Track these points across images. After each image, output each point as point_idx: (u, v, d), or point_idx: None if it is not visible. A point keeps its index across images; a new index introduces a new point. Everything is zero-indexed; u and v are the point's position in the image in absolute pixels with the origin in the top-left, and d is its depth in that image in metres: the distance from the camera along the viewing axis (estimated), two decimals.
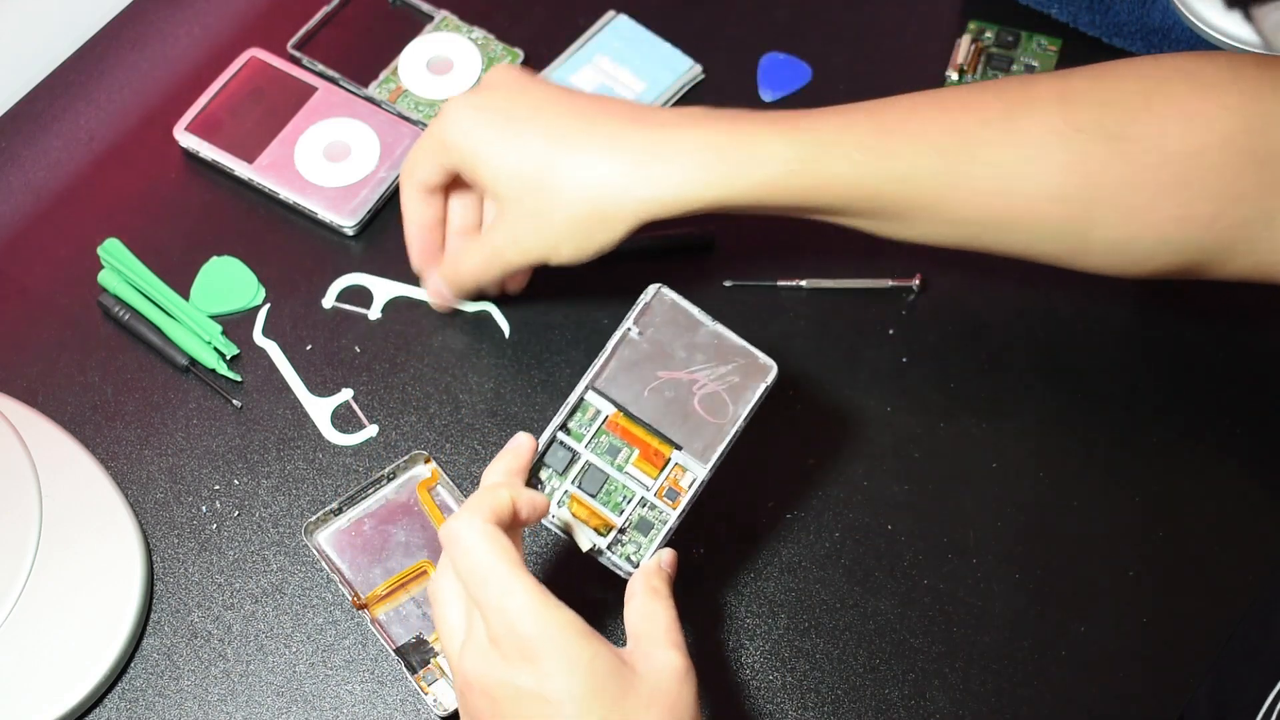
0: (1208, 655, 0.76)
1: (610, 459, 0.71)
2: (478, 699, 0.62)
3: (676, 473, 0.70)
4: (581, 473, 0.71)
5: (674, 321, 0.72)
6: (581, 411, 0.71)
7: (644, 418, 0.71)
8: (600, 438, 0.71)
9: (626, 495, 0.70)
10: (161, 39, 0.96)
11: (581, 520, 0.70)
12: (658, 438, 0.71)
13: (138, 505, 0.81)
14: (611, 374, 0.71)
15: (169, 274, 0.87)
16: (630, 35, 0.95)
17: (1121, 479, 0.81)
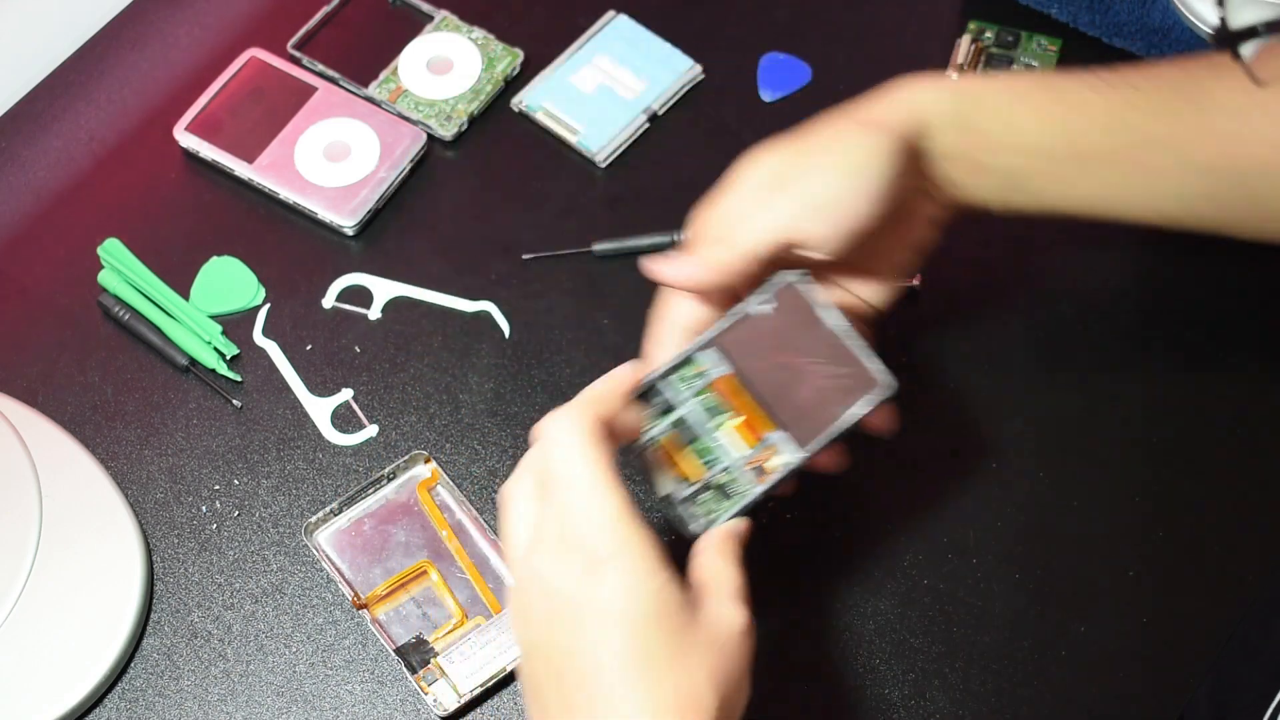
0: (1208, 655, 0.76)
1: (707, 418, 0.69)
2: (536, 600, 0.61)
3: (768, 453, 0.69)
4: (675, 423, 0.69)
5: (803, 311, 0.70)
6: (689, 366, 0.70)
7: (757, 388, 0.69)
8: (702, 396, 0.70)
9: (712, 458, 0.69)
10: (161, 39, 0.96)
11: (665, 465, 0.69)
12: (764, 411, 0.69)
13: (138, 505, 0.81)
14: (734, 339, 0.70)
15: (169, 274, 0.87)
16: (630, 35, 0.95)
17: (1121, 479, 0.81)
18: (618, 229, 0.89)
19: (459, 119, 0.92)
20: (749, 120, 0.93)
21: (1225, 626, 0.77)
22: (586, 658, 0.59)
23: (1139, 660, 0.77)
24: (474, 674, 0.75)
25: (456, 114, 0.92)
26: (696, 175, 0.91)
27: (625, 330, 0.86)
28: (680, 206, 0.90)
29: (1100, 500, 0.81)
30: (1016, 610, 0.78)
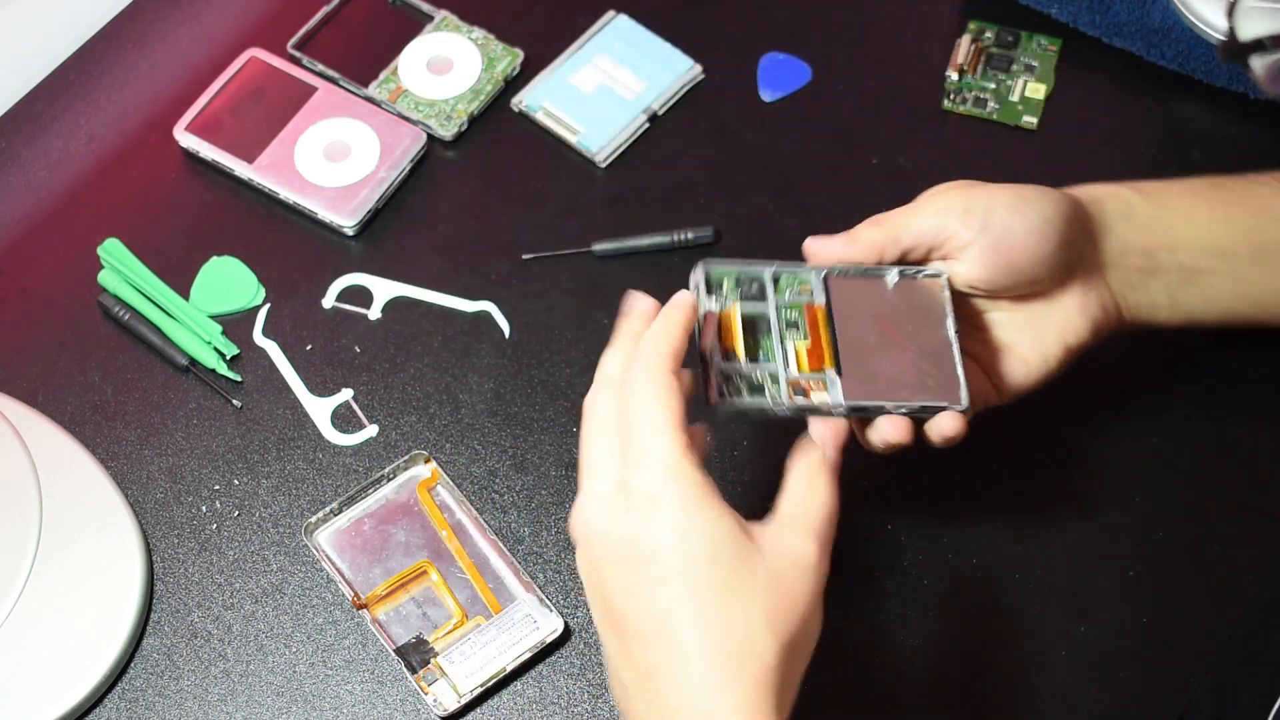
0: (1208, 655, 0.76)
1: (783, 325, 0.69)
2: (596, 547, 0.61)
3: (816, 384, 0.68)
4: (755, 312, 0.69)
5: (928, 305, 0.70)
6: (798, 278, 0.69)
7: (840, 329, 0.69)
8: (793, 306, 0.69)
9: (765, 356, 0.68)
10: (161, 39, 0.96)
11: (717, 335, 0.68)
12: (833, 350, 0.68)
13: (138, 505, 0.81)
14: (850, 286, 0.69)
15: (169, 274, 0.87)
16: (630, 35, 0.95)
17: (1121, 479, 0.81)
18: (618, 229, 0.89)
19: (459, 119, 0.92)
20: (749, 120, 0.93)
21: (1225, 626, 0.77)
22: (643, 601, 0.60)
23: (1139, 660, 0.77)
24: (474, 674, 0.75)
25: (456, 114, 0.92)
26: (696, 175, 0.91)
27: None
28: (680, 206, 0.90)
29: (1100, 500, 0.81)
30: (1016, 610, 0.78)
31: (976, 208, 0.69)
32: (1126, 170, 0.91)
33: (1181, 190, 0.75)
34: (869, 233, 0.70)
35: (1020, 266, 0.70)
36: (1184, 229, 0.73)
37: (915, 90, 0.94)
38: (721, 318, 0.68)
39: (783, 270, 0.69)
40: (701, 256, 0.88)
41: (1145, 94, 0.94)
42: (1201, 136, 0.92)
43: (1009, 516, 0.81)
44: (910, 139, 0.92)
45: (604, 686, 0.76)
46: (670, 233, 0.88)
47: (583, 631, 0.77)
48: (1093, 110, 0.93)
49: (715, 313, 0.68)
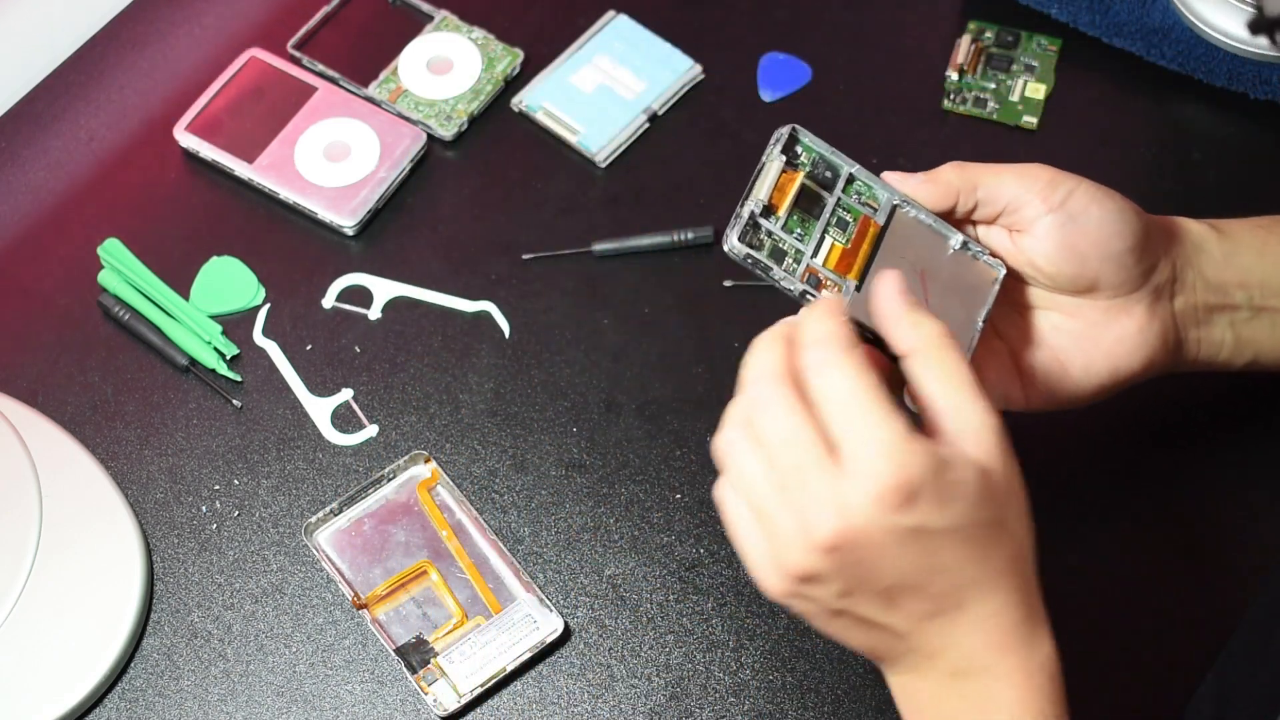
0: (1208, 655, 0.76)
1: (832, 221, 0.68)
2: (858, 550, 0.57)
3: (830, 286, 0.67)
4: (814, 193, 0.68)
5: (976, 283, 0.70)
6: (870, 193, 0.69)
7: (882, 254, 0.68)
8: (849, 212, 0.69)
9: (801, 236, 0.67)
10: (161, 39, 0.96)
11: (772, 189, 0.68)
12: (864, 266, 0.68)
13: (138, 505, 0.81)
14: (911, 225, 0.69)
15: (169, 274, 0.87)
16: (630, 35, 0.95)
17: (1122, 478, 0.81)
18: (618, 229, 0.89)
19: (459, 119, 0.92)
20: (749, 120, 0.93)
21: (1225, 626, 0.77)
22: (917, 564, 0.58)
23: (1139, 660, 0.77)
24: (474, 674, 0.75)
25: (456, 114, 0.92)
26: (696, 175, 0.91)
27: (625, 330, 0.86)
28: (680, 206, 0.90)
29: (1100, 500, 0.81)
30: None
31: (1061, 185, 0.68)
32: (1126, 170, 0.92)
33: (1252, 226, 0.74)
34: (949, 174, 0.69)
35: (1088, 256, 0.68)
36: (1257, 265, 0.72)
37: (915, 90, 0.94)
38: (783, 177, 0.68)
39: (861, 175, 0.69)
40: (701, 257, 0.88)
41: (1145, 94, 0.94)
42: (1201, 136, 0.92)
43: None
44: (910, 139, 0.92)
45: (604, 686, 0.76)
46: (670, 233, 0.88)
47: (582, 631, 0.77)
48: (1093, 110, 0.93)
49: (779, 169, 0.68)
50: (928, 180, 0.69)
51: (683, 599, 0.78)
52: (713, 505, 0.80)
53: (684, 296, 0.87)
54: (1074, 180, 0.69)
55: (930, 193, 0.69)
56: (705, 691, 0.76)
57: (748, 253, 0.66)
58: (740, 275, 0.87)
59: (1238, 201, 0.89)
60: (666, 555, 0.79)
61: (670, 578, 0.79)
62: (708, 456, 0.82)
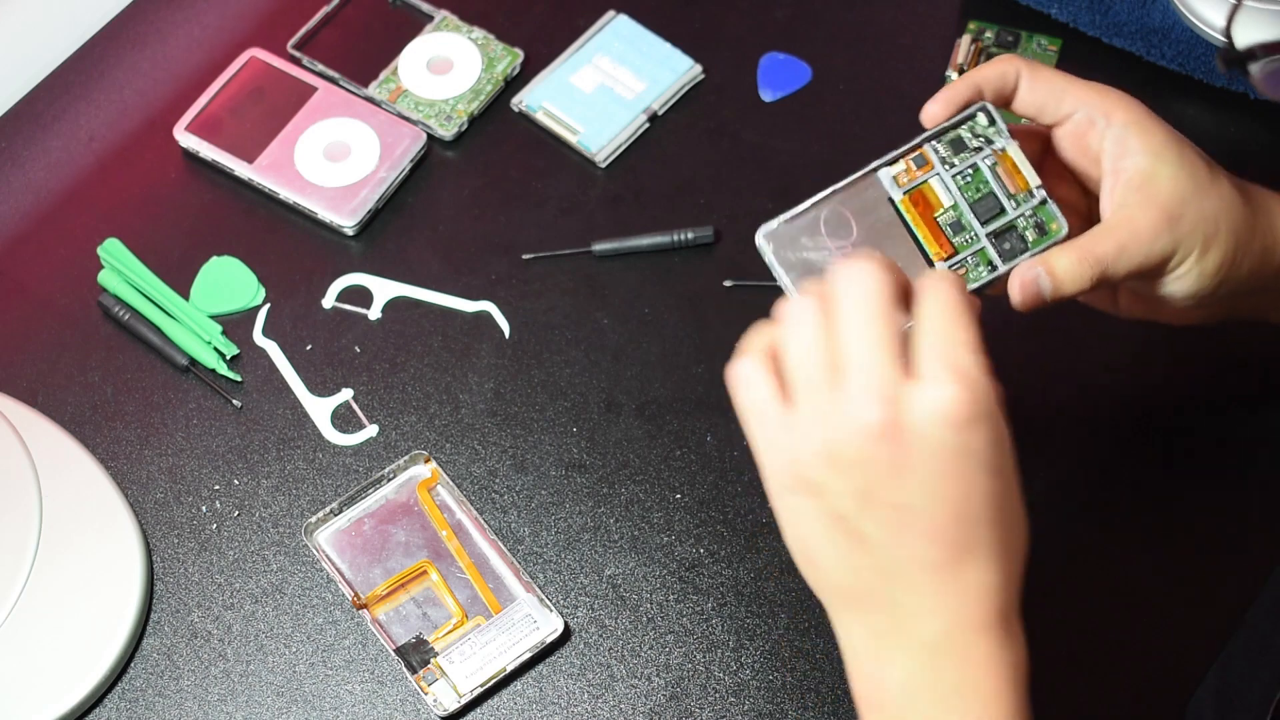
0: (1208, 655, 0.76)
1: (964, 183, 0.68)
2: (890, 450, 0.57)
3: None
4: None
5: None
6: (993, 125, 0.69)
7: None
8: (985, 164, 0.68)
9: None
10: (161, 39, 0.96)
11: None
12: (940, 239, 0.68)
13: (138, 505, 0.81)
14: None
15: (169, 274, 0.87)
16: (630, 35, 0.95)
17: (1122, 478, 0.81)
18: (618, 229, 0.89)
19: (459, 119, 0.92)
20: (749, 120, 0.93)
21: (1225, 626, 0.77)
22: (899, 485, 0.57)
23: (1139, 660, 0.77)
24: (474, 674, 0.75)
25: (456, 114, 0.92)
26: (696, 175, 0.91)
27: (625, 330, 0.86)
28: (680, 206, 0.90)
29: (1100, 499, 0.81)
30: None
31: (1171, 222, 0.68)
32: None
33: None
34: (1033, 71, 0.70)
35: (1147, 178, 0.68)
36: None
37: (915, 90, 0.93)
38: (1008, 157, 0.68)
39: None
40: (701, 257, 0.88)
41: (1145, 94, 0.93)
42: (1201, 136, 0.91)
43: None
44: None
45: (604, 686, 0.76)
46: (670, 233, 0.88)
47: (582, 631, 0.78)
48: None
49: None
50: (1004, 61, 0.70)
51: (683, 599, 0.78)
52: (712, 505, 0.81)
53: (684, 296, 0.87)
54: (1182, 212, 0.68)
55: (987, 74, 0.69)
56: (705, 691, 0.76)
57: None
58: (740, 275, 0.87)
59: None
60: (666, 555, 0.79)
61: (670, 578, 0.79)
62: (708, 456, 0.82)
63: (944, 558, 0.57)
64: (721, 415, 0.83)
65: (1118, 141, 0.69)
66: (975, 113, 0.69)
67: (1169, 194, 0.68)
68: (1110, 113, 0.69)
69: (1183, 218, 0.68)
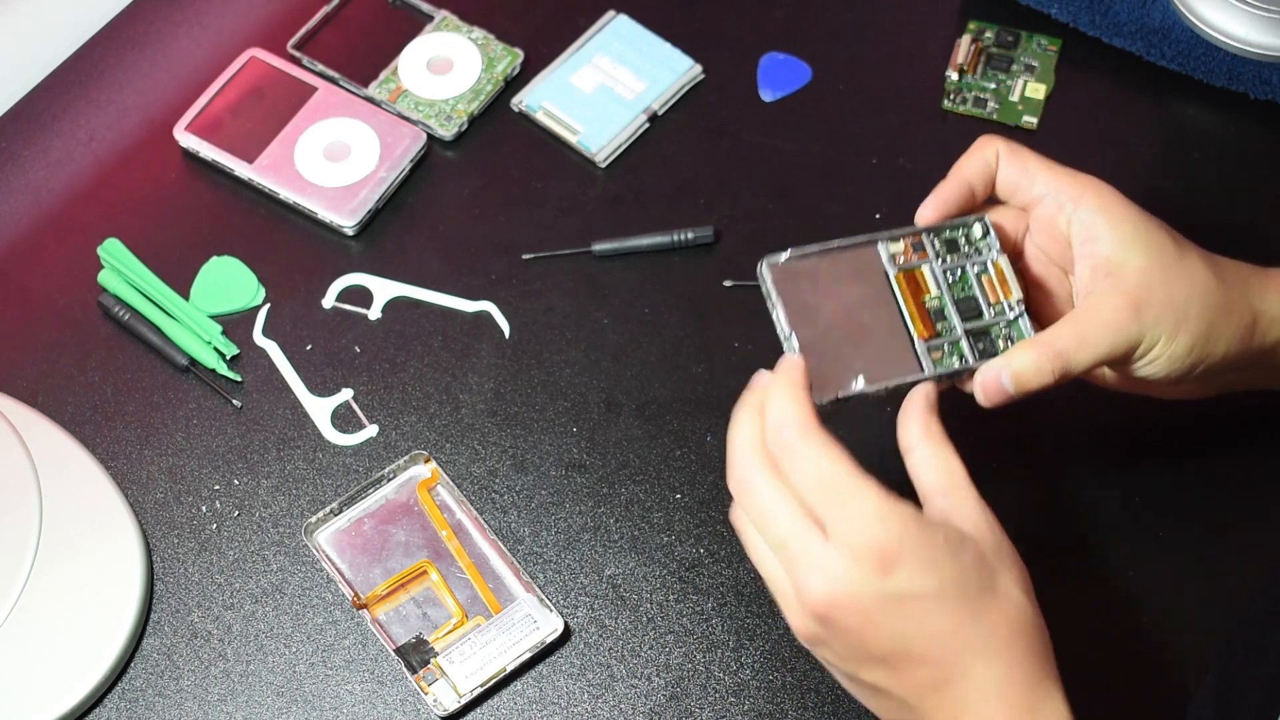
0: (1208, 655, 0.76)
1: (952, 280, 0.70)
2: (850, 613, 0.60)
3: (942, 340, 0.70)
4: (919, 265, 0.70)
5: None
6: (968, 242, 0.71)
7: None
8: (972, 271, 0.70)
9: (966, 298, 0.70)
10: (161, 39, 0.96)
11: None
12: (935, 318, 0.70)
13: (138, 505, 0.81)
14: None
15: (169, 274, 0.87)
16: (630, 35, 0.95)
17: (1121, 478, 0.81)
18: (618, 229, 0.89)
19: (459, 119, 0.92)
20: (749, 120, 0.93)
21: (1225, 626, 0.77)
22: (916, 632, 0.60)
23: (1139, 660, 0.77)
24: (474, 674, 0.75)
25: (456, 114, 0.92)
26: (696, 175, 0.91)
27: (625, 330, 0.86)
28: (680, 206, 0.90)
29: (1100, 499, 0.81)
30: None
31: (1139, 318, 0.68)
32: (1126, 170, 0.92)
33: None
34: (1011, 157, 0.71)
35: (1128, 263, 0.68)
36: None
37: (915, 90, 0.94)
38: (999, 268, 0.71)
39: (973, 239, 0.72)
40: (701, 257, 0.88)
41: (1145, 94, 0.94)
42: (1201, 136, 0.92)
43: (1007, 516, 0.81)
44: (910, 139, 0.92)
45: (604, 686, 0.76)
46: (670, 233, 0.88)
47: (582, 631, 0.78)
48: (1093, 110, 0.93)
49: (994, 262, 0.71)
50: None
51: (683, 599, 0.78)
52: (712, 505, 0.81)
53: (684, 296, 0.87)
54: (1154, 312, 0.68)
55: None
56: (705, 691, 0.76)
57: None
58: (740, 275, 0.87)
59: (1238, 201, 0.90)
60: (666, 555, 0.79)
61: (670, 578, 0.79)
62: (708, 456, 0.82)
63: (942, 676, 0.61)
64: (721, 415, 0.83)
65: (1085, 226, 0.69)
66: (973, 222, 0.71)
67: (1135, 282, 0.68)
68: (1079, 197, 0.69)
69: (1148, 305, 0.68)
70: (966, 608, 0.61)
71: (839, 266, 0.69)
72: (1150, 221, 0.69)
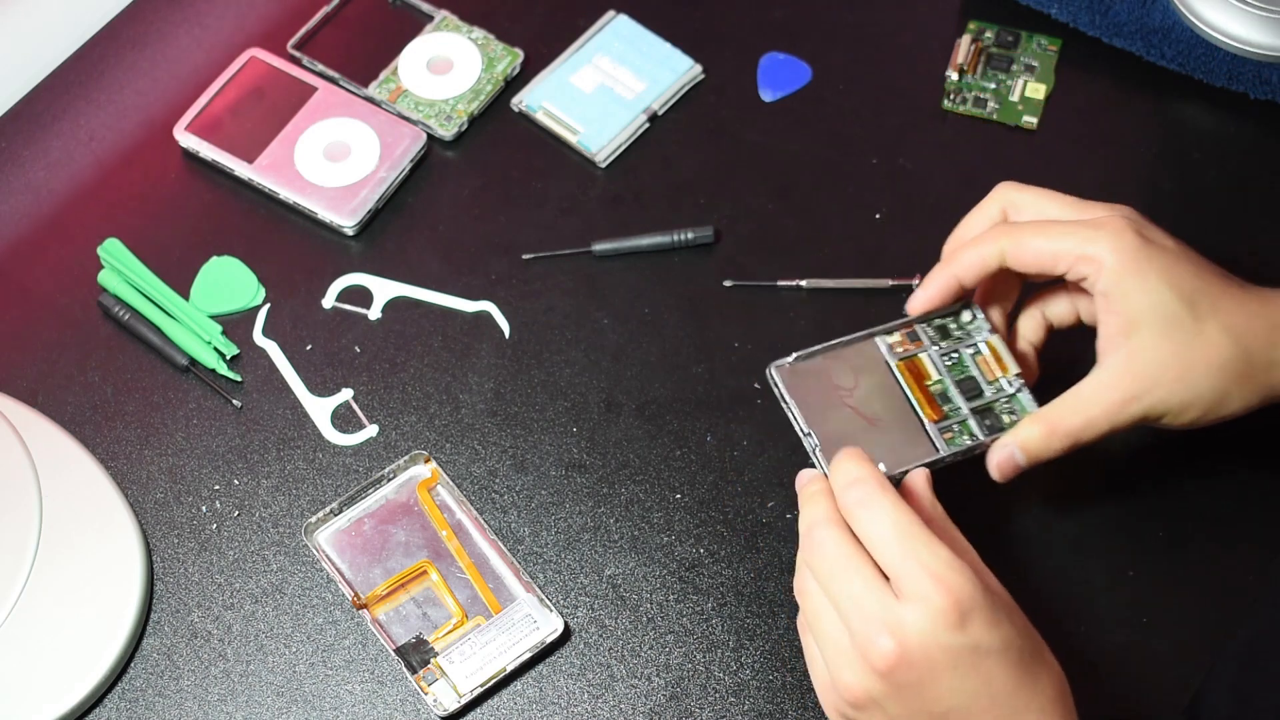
0: (1208, 655, 0.76)
1: (950, 364, 0.74)
2: (913, 672, 0.61)
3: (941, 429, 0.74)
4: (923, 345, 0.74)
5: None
6: (963, 335, 0.75)
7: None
8: (967, 353, 0.74)
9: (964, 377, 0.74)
10: (161, 39, 0.96)
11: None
12: (937, 404, 0.74)
13: (138, 505, 0.81)
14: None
15: (169, 274, 0.87)
16: (630, 35, 0.95)
17: (1121, 478, 0.81)
18: (618, 229, 0.89)
19: (459, 119, 0.92)
20: (749, 120, 0.93)
21: (1225, 626, 0.77)
22: (973, 689, 0.62)
23: (1139, 660, 0.77)
24: (474, 674, 0.75)
25: (456, 114, 0.92)
26: (696, 175, 0.91)
27: (625, 330, 0.86)
28: (680, 206, 0.90)
29: (1099, 499, 0.81)
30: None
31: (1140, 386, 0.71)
32: (1126, 170, 0.92)
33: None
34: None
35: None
36: None
37: (915, 90, 0.94)
38: (992, 347, 0.75)
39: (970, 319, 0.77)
40: (701, 257, 0.88)
41: (1145, 94, 0.94)
42: (1201, 136, 0.92)
43: (1006, 518, 0.81)
44: (910, 139, 0.92)
45: (604, 686, 0.76)
46: (670, 233, 0.88)
47: (582, 631, 0.78)
48: (1093, 110, 0.93)
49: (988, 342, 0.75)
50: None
51: (683, 599, 0.78)
52: (712, 505, 0.81)
53: (684, 296, 0.87)
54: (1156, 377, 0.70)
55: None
56: (705, 691, 0.76)
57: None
58: (740, 275, 0.88)
59: (1238, 201, 0.90)
60: (666, 555, 0.79)
61: (670, 578, 0.79)
62: (708, 456, 0.82)
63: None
64: (721, 415, 0.83)
65: (1105, 296, 0.71)
66: (960, 310, 0.76)
67: (1145, 362, 0.69)
68: (1100, 263, 0.70)
69: (1158, 387, 0.70)
70: (1024, 669, 0.63)
71: (842, 363, 0.74)
72: (1169, 285, 0.69)
